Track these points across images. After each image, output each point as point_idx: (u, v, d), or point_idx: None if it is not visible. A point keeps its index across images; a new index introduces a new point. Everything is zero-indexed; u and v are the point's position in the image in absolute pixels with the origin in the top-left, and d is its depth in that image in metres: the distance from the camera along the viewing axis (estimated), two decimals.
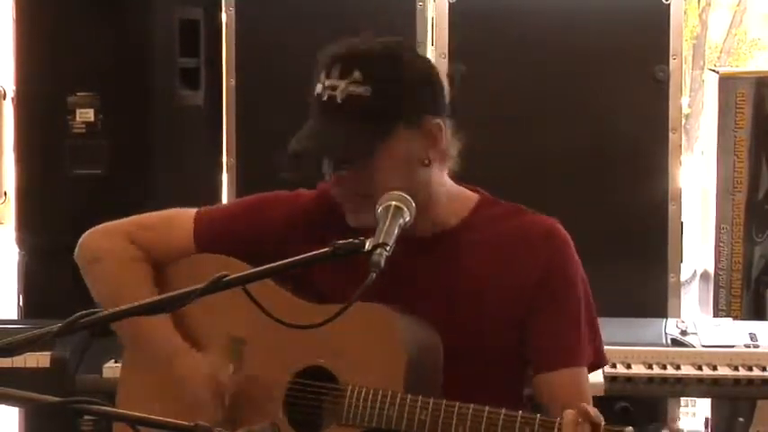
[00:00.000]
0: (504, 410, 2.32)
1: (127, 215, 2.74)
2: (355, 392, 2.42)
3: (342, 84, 2.42)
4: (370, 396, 2.40)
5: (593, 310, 2.58)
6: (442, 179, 2.55)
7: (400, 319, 2.45)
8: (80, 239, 2.71)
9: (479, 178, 2.65)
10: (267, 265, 2.14)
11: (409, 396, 2.38)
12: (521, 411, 2.32)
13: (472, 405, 2.34)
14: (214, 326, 2.58)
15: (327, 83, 2.43)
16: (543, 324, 2.52)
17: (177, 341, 2.60)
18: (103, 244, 2.68)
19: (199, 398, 2.54)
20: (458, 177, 2.62)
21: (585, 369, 2.56)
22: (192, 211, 2.70)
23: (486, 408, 2.33)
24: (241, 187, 4.40)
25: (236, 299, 2.09)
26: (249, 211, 2.67)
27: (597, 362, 2.61)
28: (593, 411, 2.25)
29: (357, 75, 2.41)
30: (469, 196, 2.60)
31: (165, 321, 2.58)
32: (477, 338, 2.51)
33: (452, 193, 2.57)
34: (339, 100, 2.41)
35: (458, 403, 2.35)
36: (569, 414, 2.25)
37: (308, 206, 2.62)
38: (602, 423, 2.24)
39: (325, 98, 2.43)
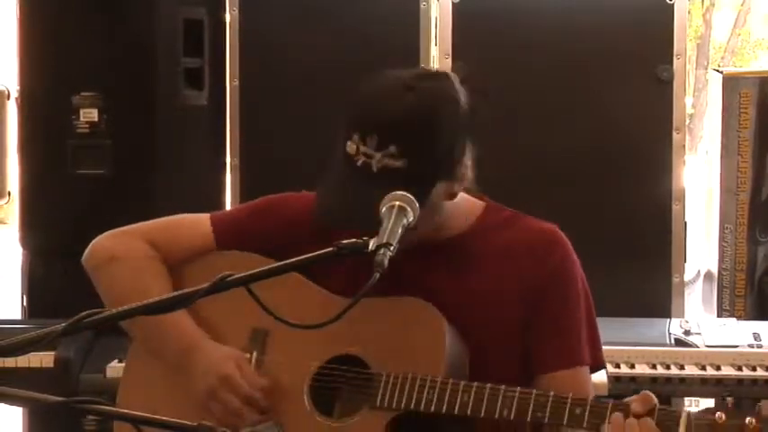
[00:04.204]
0: (553, 393, 2.34)
1: (130, 215, 2.76)
2: (391, 377, 2.44)
3: (377, 155, 2.36)
4: (408, 380, 2.42)
5: (593, 312, 2.60)
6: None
7: (445, 321, 2.47)
8: (92, 243, 2.72)
9: (482, 178, 2.64)
10: (269, 266, 2.17)
11: (451, 380, 2.40)
12: (571, 394, 2.33)
13: (519, 388, 2.36)
14: (235, 319, 2.58)
15: (363, 149, 2.36)
16: (545, 326, 2.53)
17: (196, 333, 2.61)
18: (120, 243, 2.70)
19: (210, 386, 2.53)
20: None
21: (587, 369, 2.57)
22: (202, 214, 2.73)
23: (534, 390, 2.35)
24: (244, 187, 4.40)
25: (261, 292, 2.10)
26: (264, 211, 2.70)
27: (597, 364, 2.61)
28: (644, 396, 2.28)
29: (393, 149, 2.35)
30: (476, 204, 2.61)
31: (183, 315, 2.59)
32: (482, 345, 2.52)
33: (458, 202, 2.55)
34: (374, 169, 2.36)
35: (503, 386, 2.37)
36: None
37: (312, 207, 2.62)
38: (656, 404, 2.26)
39: (359, 163, 2.37)
